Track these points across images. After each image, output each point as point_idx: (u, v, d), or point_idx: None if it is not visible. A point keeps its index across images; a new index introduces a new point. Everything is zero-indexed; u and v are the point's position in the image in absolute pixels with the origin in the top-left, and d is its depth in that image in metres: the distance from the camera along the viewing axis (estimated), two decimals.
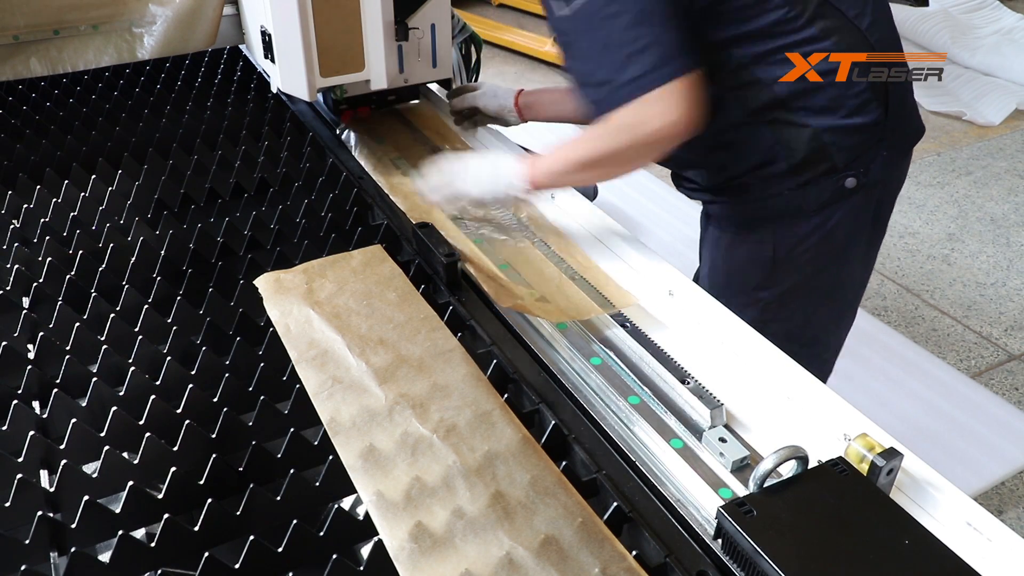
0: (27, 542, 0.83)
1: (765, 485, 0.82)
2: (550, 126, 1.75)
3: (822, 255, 1.41)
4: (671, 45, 1.16)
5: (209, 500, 0.85)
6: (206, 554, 0.80)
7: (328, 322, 1.11)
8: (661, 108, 1.17)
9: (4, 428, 0.97)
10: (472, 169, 1.33)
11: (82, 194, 1.44)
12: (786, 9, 1.22)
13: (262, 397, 1.00)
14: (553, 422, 0.98)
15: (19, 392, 1.03)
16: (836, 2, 1.26)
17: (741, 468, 0.92)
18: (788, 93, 1.28)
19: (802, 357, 1.51)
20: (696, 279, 1.62)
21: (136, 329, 1.13)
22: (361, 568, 0.81)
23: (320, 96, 1.80)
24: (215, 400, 1.02)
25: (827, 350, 1.57)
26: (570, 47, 1.23)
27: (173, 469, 0.89)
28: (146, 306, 1.15)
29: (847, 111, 1.30)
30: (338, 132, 1.74)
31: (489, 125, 1.71)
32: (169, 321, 1.15)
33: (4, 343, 1.07)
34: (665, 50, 1.15)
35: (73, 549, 0.81)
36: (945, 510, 0.86)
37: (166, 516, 0.83)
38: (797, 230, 1.38)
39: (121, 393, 1.03)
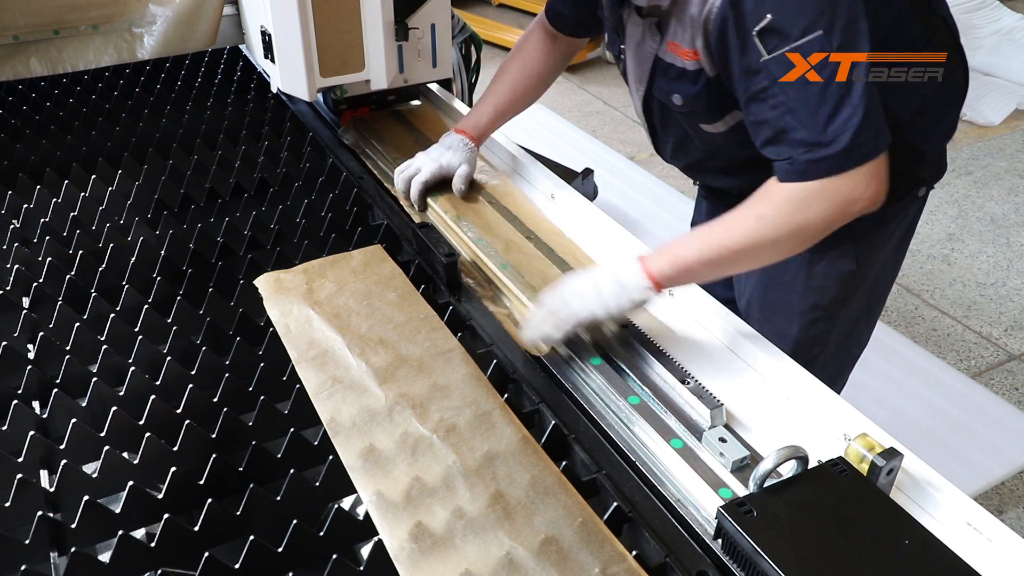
0: (27, 542, 0.83)
1: (765, 485, 0.82)
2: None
3: (885, 260, 1.42)
4: (880, 109, 1.05)
5: (209, 500, 0.85)
6: (206, 554, 0.80)
7: (328, 322, 1.11)
8: (877, 182, 1.05)
9: (4, 428, 0.97)
10: (589, 290, 1.09)
11: (82, 194, 1.44)
12: (920, 28, 1.21)
13: (262, 397, 1.00)
14: (553, 422, 0.98)
15: (19, 392, 1.03)
16: (945, 15, 1.25)
17: (741, 468, 0.92)
18: (908, 118, 1.24)
19: (838, 354, 1.52)
20: (734, 301, 1.58)
21: (136, 329, 1.13)
22: (361, 568, 0.81)
23: (320, 96, 1.80)
24: (215, 400, 1.02)
25: (859, 345, 1.58)
26: (770, 95, 1.05)
27: (173, 469, 0.89)
28: (146, 306, 1.15)
29: (945, 128, 1.30)
30: (340, 132, 1.75)
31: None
32: (169, 321, 1.15)
33: (4, 343, 1.07)
34: (880, 115, 1.04)
35: (73, 549, 0.81)
36: (945, 510, 0.86)
37: (166, 516, 0.83)
38: (875, 240, 1.37)
39: (121, 393, 1.03)
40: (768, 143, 1.08)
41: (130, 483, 0.87)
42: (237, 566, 0.81)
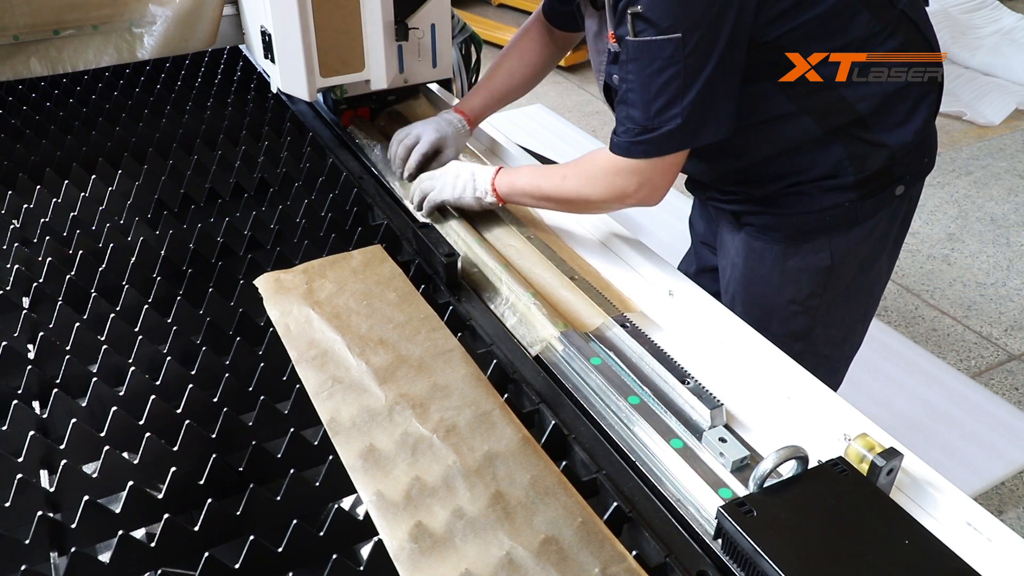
0: (27, 542, 0.83)
1: (765, 485, 0.82)
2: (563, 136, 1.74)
3: (867, 258, 1.42)
4: (709, 113, 1.16)
5: (209, 500, 0.85)
6: (206, 554, 0.80)
7: (328, 322, 1.11)
8: (649, 190, 1.22)
9: (4, 428, 0.97)
10: (451, 175, 1.39)
11: (82, 194, 1.44)
12: (873, 23, 1.22)
13: (262, 397, 1.00)
14: (553, 422, 0.98)
15: (19, 392, 1.03)
16: (912, 15, 1.26)
17: (741, 468, 0.92)
18: (869, 111, 1.27)
19: (833, 358, 1.54)
20: (715, 289, 1.60)
21: (136, 329, 1.13)
22: (361, 568, 0.81)
23: (320, 96, 1.80)
24: (215, 400, 1.02)
25: (852, 347, 1.59)
26: (626, 70, 1.19)
27: (173, 469, 0.89)
28: (146, 306, 1.15)
29: (918, 124, 1.30)
30: (349, 130, 1.74)
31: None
32: (169, 321, 1.15)
33: (4, 343, 1.07)
34: (701, 118, 1.16)
35: (73, 549, 0.81)
36: (945, 510, 0.86)
37: (166, 516, 0.83)
38: (851, 237, 1.38)
39: (121, 393, 1.03)
40: (618, 103, 1.22)
41: (130, 483, 0.87)
42: (237, 566, 0.81)
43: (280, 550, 0.82)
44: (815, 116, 1.27)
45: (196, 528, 0.85)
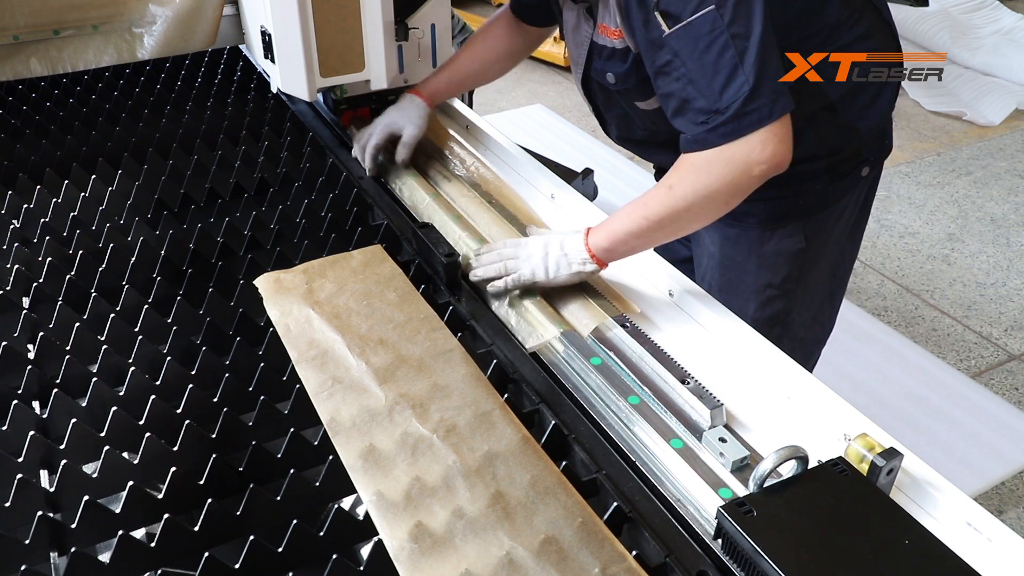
0: (27, 542, 0.83)
1: (765, 485, 0.82)
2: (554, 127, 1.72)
3: (835, 240, 1.45)
4: (777, 76, 1.09)
5: (209, 500, 0.85)
6: (206, 554, 0.80)
7: (328, 322, 1.11)
8: (775, 144, 1.09)
9: (4, 428, 0.97)
10: (538, 250, 1.19)
11: (82, 194, 1.44)
12: (842, 9, 1.23)
13: (262, 397, 1.00)
14: (553, 422, 0.98)
15: (19, 392, 1.03)
16: (876, 1, 1.28)
17: (741, 468, 0.92)
18: (839, 97, 1.29)
19: (807, 340, 1.56)
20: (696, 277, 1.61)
21: (136, 329, 1.13)
22: (361, 568, 0.81)
23: (320, 96, 1.80)
24: (215, 400, 1.02)
25: (824, 329, 1.62)
26: (673, 68, 1.11)
27: (173, 469, 0.89)
28: (146, 306, 1.15)
29: (883, 107, 1.33)
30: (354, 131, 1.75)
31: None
32: (169, 321, 1.15)
33: (4, 343, 1.07)
34: (776, 83, 1.08)
35: (73, 549, 0.81)
36: (945, 510, 0.86)
37: (166, 516, 0.83)
38: (823, 219, 1.40)
39: (121, 393, 1.03)
40: (675, 114, 1.14)
41: (130, 483, 0.87)
42: (237, 566, 0.81)
43: (280, 550, 0.82)
44: None
45: (196, 528, 0.85)
